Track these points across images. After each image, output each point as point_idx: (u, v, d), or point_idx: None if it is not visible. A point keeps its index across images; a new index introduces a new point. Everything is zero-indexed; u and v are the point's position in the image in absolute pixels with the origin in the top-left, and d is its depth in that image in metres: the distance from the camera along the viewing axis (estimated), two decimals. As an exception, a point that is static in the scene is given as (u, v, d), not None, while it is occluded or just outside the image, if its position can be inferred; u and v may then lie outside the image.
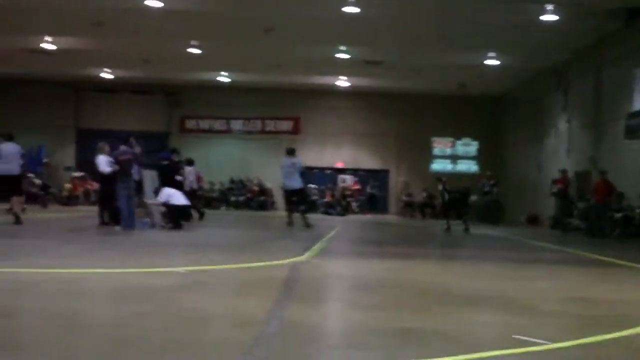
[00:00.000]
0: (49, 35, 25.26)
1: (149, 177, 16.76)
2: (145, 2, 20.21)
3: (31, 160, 29.86)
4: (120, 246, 11.62)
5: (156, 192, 16.26)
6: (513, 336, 5.09)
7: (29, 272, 7.68)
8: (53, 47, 26.14)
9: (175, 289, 6.91)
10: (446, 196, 21.01)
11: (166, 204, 15.78)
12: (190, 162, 20.47)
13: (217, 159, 34.60)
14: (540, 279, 9.35)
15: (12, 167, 15.24)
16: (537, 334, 5.13)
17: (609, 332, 5.35)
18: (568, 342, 4.96)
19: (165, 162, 17.72)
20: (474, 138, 35.70)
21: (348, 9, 20.29)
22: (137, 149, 15.65)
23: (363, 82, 32.81)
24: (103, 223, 15.49)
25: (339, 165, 35.64)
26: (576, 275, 10.04)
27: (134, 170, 15.42)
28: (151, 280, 7.46)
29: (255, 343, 4.62)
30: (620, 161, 21.63)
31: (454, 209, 21.23)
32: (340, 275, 9.10)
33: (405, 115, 34.95)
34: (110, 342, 4.64)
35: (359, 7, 20.13)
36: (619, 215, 19.86)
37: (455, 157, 35.95)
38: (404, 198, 33.74)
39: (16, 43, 26.35)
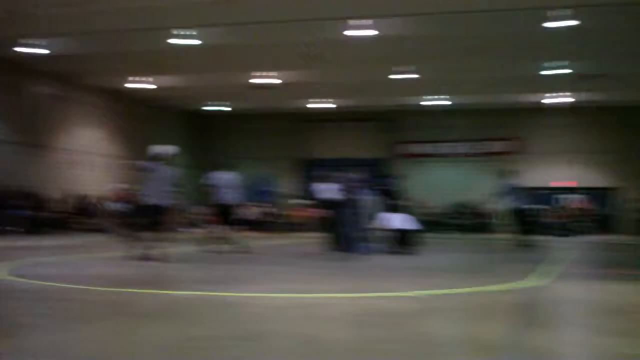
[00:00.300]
0: (274, 70, 26.69)
1: (373, 203, 17.02)
2: (361, 33, 20.71)
3: (260, 189, 31.57)
4: (350, 271, 11.85)
5: (377, 217, 16.46)
6: None
7: (270, 297, 8.04)
8: (278, 81, 27.56)
9: (409, 314, 6.93)
10: None
11: (388, 229, 15.93)
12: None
13: (437, 183, 34.54)
14: None
15: (231, 196, 15.93)
16: None
17: None
18: None
19: (386, 187, 17.90)
20: None
21: (566, 23, 19.56)
22: (360, 176, 16.01)
23: (587, 97, 31.42)
24: (330, 249, 15.88)
25: (566, 184, 34.33)
26: None
27: (359, 197, 15.75)
28: (385, 305, 7.52)
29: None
30: None
31: None
32: (576, 298, 8.67)
33: (630, 129, 33.02)
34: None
35: (578, 19, 19.36)
36: None
37: None
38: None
39: (244, 79, 28.07)
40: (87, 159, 27.49)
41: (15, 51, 23.25)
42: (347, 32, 20.69)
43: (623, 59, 24.43)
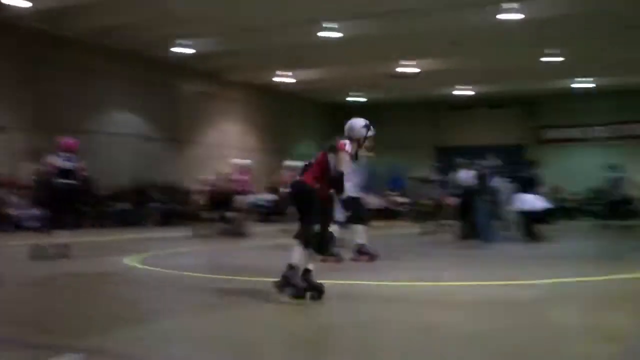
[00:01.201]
0: (412, 59, 26.74)
1: (508, 190, 16.78)
2: (501, 16, 20.44)
3: (396, 179, 31.64)
4: (479, 259, 11.82)
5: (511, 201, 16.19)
6: None
7: (400, 285, 8.22)
8: (416, 70, 27.56)
9: (540, 302, 6.92)
10: None
11: (520, 210, 15.69)
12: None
13: (577, 168, 33.46)
14: None
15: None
16: None
17: None
18: None
19: (524, 174, 17.52)
20: None
21: None
22: (494, 163, 15.85)
23: None
24: (462, 237, 15.82)
25: None
26: None
27: (493, 184, 15.61)
28: (516, 293, 7.53)
29: (623, 358, 4.51)
30: None
31: None
32: None
33: None
34: (473, 355, 4.83)
35: None
36: None
37: None
38: None
39: (380, 69, 28.26)
40: (227, 153, 28.44)
41: (167, 52, 24.56)
42: (500, 16, 20.43)
43: None
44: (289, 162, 16.12)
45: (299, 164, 7.83)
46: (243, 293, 7.45)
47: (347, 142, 6.89)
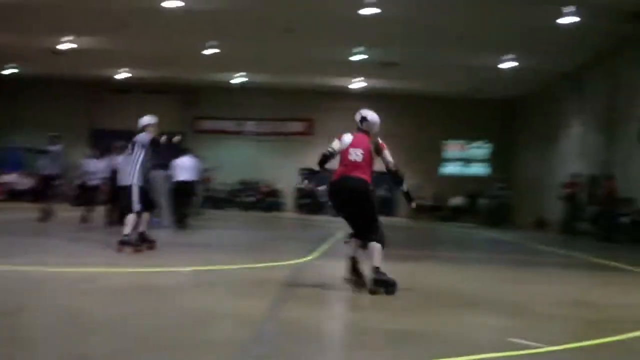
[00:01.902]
0: (70, 35, 25.46)
1: (161, 178, 16.79)
2: (164, 4, 20.35)
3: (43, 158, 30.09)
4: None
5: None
6: (508, 339, 5.13)
7: (37, 271, 7.78)
8: (73, 45, 26.29)
9: (178, 289, 7.00)
10: None
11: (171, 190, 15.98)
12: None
13: (229, 160, 34.72)
14: (542, 282, 9.37)
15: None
16: (533, 337, 5.16)
17: (607, 336, 5.37)
18: (563, 346, 4.99)
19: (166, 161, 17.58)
20: (487, 141, 35.66)
21: (366, 11, 20.28)
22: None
23: (378, 83, 32.77)
24: (111, 222, 15.54)
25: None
26: (579, 279, 10.07)
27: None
28: (156, 280, 7.54)
29: (253, 342, 4.69)
30: (633, 165, 21.57)
31: None
32: (341, 276, 9.15)
33: (418, 117, 34.89)
34: (113, 340, 4.72)
35: (378, 7, 20.11)
36: (627, 219, 19.83)
37: (466, 160, 35.92)
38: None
39: (38, 43, 26.54)
40: None
41: None
42: (164, 4, 20.24)
43: (415, 50, 25.65)
44: None
45: None
46: None
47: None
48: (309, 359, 4.34)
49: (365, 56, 26.38)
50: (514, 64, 26.21)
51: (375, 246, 7.19)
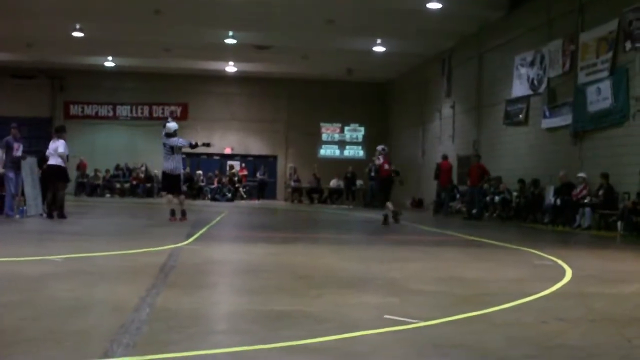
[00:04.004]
0: None
1: (29, 165, 16.14)
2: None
3: None
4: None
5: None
6: (384, 316, 5.20)
7: None
8: None
9: (48, 278, 6.72)
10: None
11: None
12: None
13: (103, 146, 33.82)
14: (417, 260, 9.59)
15: None
16: (408, 313, 5.26)
17: (475, 310, 5.54)
18: (436, 320, 5.11)
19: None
20: (362, 124, 36.23)
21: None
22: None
23: (252, 67, 32.72)
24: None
25: (227, 151, 35.42)
26: (451, 256, 10.37)
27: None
28: (25, 269, 7.22)
29: (124, 330, 4.54)
30: (500, 146, 22.44)
31: None
32: (220, 260, 9.06)
33: (294, 100, 35.12)
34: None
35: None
36: (497, 198, 20.62)
37: (343, 142, 36.40)
38: (292, 184, 33.84)
39: None
40: None
41: None
42: None
43: (288, 33, 25.70)
44: None
45: None
46: None
47: None
48: (181, 345, 4.23)
49: (237, 40, 26.25)
50: (385, 47, 26.73)
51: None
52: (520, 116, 21.16)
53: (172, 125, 15.68)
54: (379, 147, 17.58)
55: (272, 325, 4.91)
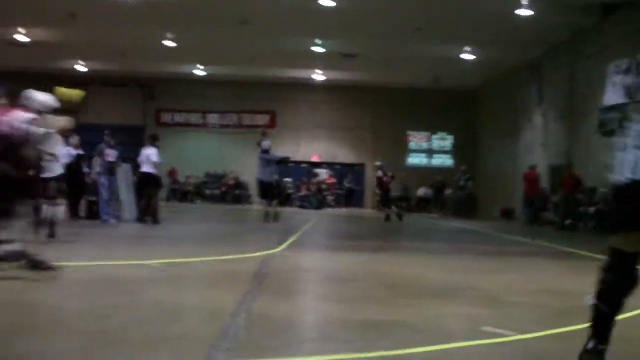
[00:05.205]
0: (23, 27, 25.00)
1: (126, 170, 16.63)
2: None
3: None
4: (95, 239, 11.54)
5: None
6: (481, 328, 5.12)
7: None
8: (26, 39, 25.88)
9: (146, 282, 6.89)
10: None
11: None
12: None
13: (193, 153, 34.48)
14: (510, 271, 9.42)
15: None
16: (505, 325, 5.17)
17: (575, 324, 5.37)
18: (535, 334, 5.00)
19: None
20: (449, 132, 35.86)
21: (324, 2, 20.27)
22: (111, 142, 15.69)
23: (339, 75, 32.80)
24: (76, 216, 15.36)
25: (314, 159, 35.60)
26: (545, 267, 10.14)
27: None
28: (123, 273, 7.42)
29: (223, 335, 4.62)
30: (593, 155, 21.82)
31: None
32: (311, 268, 9.10)
33: (381, 108, 35.01)
34: (83, 335, 4.61)
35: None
36: (592, 209, 20.06)
37: (430, 151, 36.10)
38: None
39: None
40: None
41: None
42: None
43: (375, 41, 25.67)
44: None
45: None
46: None
47: None
48: (279, 351, 4.28)
49: (324, 49, 26.40)
50: (473, 55, 26.40)
51: None
52: (615, 125, 20.53)
53: (266, 143, 18.06)
54: (377, 164, 23.83)
55: (365, 334, 4.90)
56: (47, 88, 26.91)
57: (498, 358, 4.43)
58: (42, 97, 7.18)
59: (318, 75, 33.03)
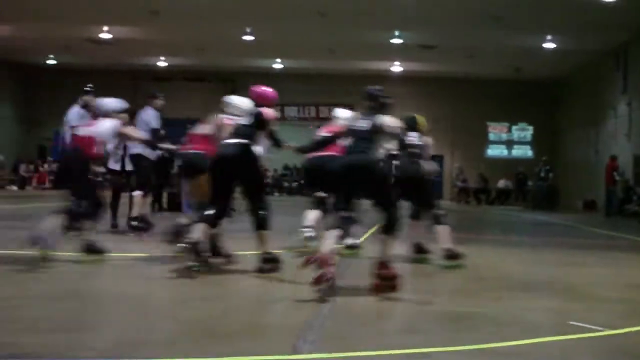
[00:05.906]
0: (107, 25, 25.70)
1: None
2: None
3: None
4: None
5: None
6: (569, 322, 5.05)
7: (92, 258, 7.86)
8: (110, 36, 26.60)
9: (236, 272, 7.00)
10: None
11: None
12: None
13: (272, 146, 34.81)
14: (598, 265, 9.21)
15: None
16: (594, 321, 5.07)
17: (669, 320, 5.26)
18: (625, 329, 4.91)
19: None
20: (530, 123, 35.22)
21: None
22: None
23: (417, 67, 32.59)
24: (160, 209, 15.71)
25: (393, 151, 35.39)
26: (633, 261, 9.88)
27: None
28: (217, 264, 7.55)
29: (309, 327, 4.67)
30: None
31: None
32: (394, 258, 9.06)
33: (459, 100, 34.63)
34: (172, 326, 4.74)
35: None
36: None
37: (510, 142, 35.54)
38: (459, 184, 33.41)
39: (76, 33, 26.81)
40: None
41: None
42: None
43: (454, 32, 25.39)
44: None
45: None
46: None
47: None
48: (365, 343, 4.30)
49: (402, 40, 26.25)
50: (555, 44, 25.82)
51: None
52: None
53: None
54: None
55: (453, 327, 4.90)
56: (131, 84, 27.68)
57: (587, 353, 4.36)
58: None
59: (396, 67, 32.88)
